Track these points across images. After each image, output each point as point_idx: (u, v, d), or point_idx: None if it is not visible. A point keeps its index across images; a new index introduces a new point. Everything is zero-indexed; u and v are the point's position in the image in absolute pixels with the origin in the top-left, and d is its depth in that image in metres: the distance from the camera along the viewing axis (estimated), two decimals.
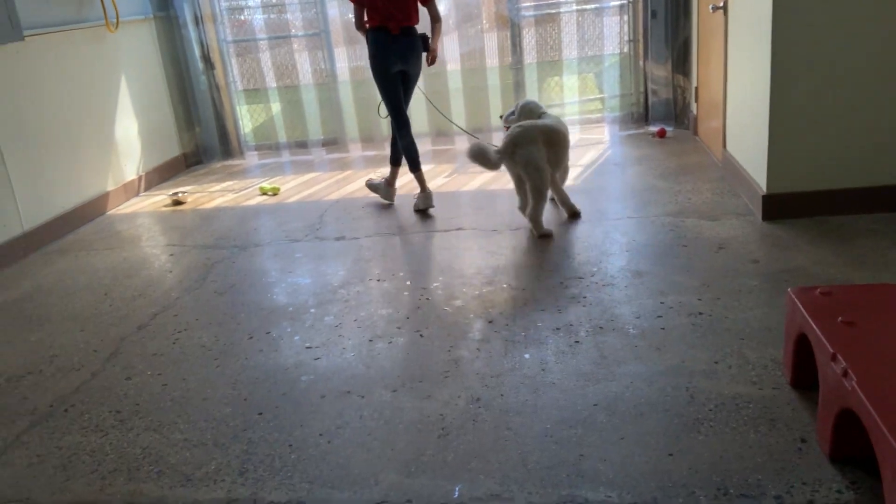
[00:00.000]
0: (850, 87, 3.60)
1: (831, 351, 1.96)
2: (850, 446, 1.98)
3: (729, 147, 4.59)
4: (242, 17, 6.62)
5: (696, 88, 5.61)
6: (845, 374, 1.86)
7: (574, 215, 4.23)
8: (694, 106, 5.75)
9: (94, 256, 4.40)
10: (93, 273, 4.11)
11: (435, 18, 4.56)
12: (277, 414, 2.54)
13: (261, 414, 2.56)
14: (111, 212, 5.35)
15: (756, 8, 3.75)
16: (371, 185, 5.01)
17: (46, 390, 2.87)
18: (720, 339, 2.73)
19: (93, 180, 5.25)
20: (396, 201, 4.89)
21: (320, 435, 2.40)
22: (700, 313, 2.93)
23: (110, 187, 5.42)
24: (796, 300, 2.27)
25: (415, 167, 4.67)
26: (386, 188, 4.89)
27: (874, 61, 3.55)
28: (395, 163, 4.82)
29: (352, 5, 4.51)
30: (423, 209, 4.60)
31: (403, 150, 4.68)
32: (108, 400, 2.75)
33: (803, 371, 2.32)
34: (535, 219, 3.96)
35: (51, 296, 3.84)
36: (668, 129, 5.97)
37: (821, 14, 3.50)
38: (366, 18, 4.46)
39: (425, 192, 4.65)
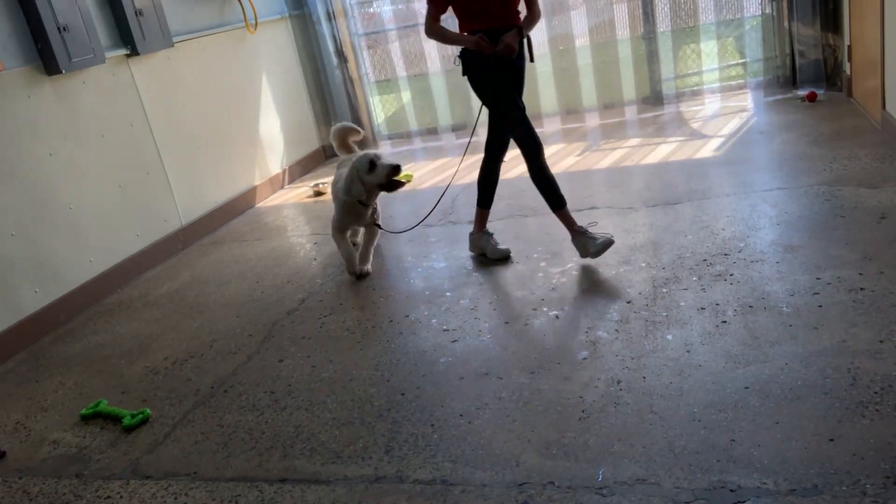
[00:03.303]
0: None
1: None
2: None
3: (889, 108, 4.20)
4: (371, 10, 6.77)
5: (849, 46, 5.17)
6: None
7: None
8: (847, 65, 5.30)
9: (245, 247, 4.67)
10: (245, 262, 4.37)
11: (533, 18, 3.59)
12: (419, 395, 2.60)
13: (403, 394, 2.62)
14: (259, 204, 5.66)
15: None
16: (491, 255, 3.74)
17: (208, 372, 3.09)
18: (885, 315, 2.51)
19: (241, 175, 5.57)
20: (524, 185, 4.83)
21: (461, 415, 2.43)
22: (862, 289, 2.71)
23: (257, 181, 5.73)
24: None
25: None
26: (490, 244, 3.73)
27: None
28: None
29: None
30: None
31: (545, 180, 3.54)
32: (263, 381, 2.92)
33: None
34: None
35: (208, 285, 4.12)
36: (819, 91, 5.54)
37: None
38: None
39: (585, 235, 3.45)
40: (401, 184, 3.71)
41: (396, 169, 3.61)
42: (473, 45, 3.39)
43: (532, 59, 3.55)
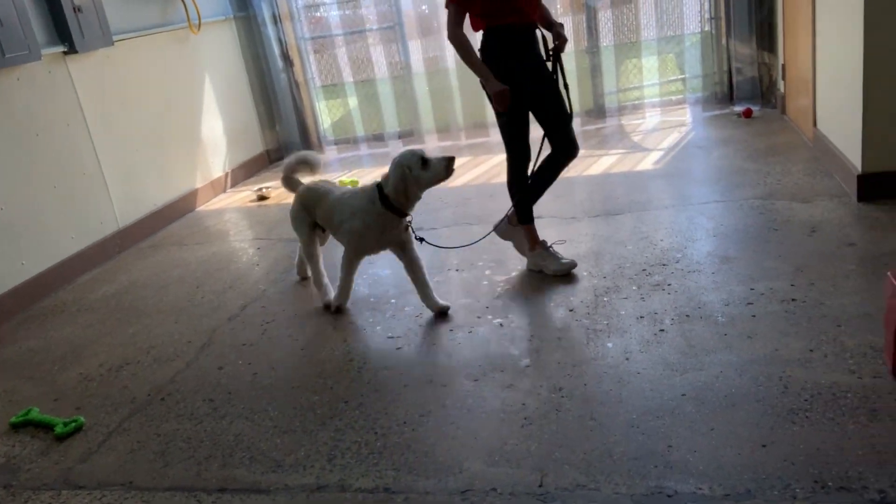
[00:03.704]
0: None
1: None
2: None
3: (820, 125, 4.38)
4: (319, 14, 6.73)
5: (783, 65, 5.37)
6: None
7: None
8: (781, 83, 5.51)
9: (185, 251, 4.58)
10: (184, 267, 4.28)
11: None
12: (362, 402, 2.59)
13: (346, 402, 2.61)
14: (200, 208, 5.55)
15: None
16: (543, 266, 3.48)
17: (144, 380, 3.01)
18: (815, 326, 2.61)
19: (182, 178, 5.45)
20: (470, 194, 4.88)
21: (404, 423, 2.43)
22: (793, 300, 2.82)
23: (198, 184, 5.62)
24: None
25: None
26: (550, 256, 3.46)
27: None
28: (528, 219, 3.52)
29: None
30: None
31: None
32: (202, 388, 2.86)
33: None
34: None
35: (146, 289, 4.01)
36: (755, 108, 5.74)
37: None
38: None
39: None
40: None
41: (452, 160, 3.10)
42: (495, 95, 3.16)
43: (548, 59, 3.32)
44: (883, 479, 1.86)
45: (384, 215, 3.10)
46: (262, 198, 5.54)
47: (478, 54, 3.23)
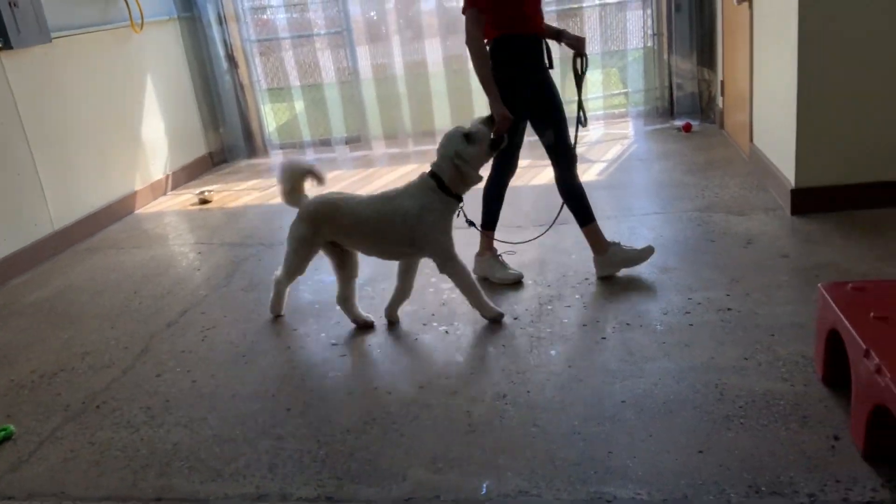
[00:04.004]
0: (879, 78, 3.53)
1: (864, 347, 1.93)
2: (884, 443, 1.95)
3: (756, 141, 4.54)
4: (265, 17, 6.67)
5: (722, 82, 5.55)
6: (878, 370, 1.83)
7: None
8: (720, 100, 5.69)
9: (123, 255, 4.46)
10: (122, 271, 4.17)
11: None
12: (305, 410, 2.56)
13: (289, 410, 2.57)
14: (139, 211, 5.42)
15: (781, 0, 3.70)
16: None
17: (79, 387, 2.91)
18: (750, 335, 2.70)
19: (120, 180, 5.31)
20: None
21: (348, 431, 2.41)
22: (729, 309, 2.90)
23: (138, 186, 5.48)
24: (827, 295, 2.24)
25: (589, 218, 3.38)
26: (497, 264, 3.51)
27: None
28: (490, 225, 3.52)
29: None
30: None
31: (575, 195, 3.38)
32: (139, 396, 2.79)
33: (835, 367, 2.28)
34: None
35: (82, 293, 3.89)
36: (694, 123, 5.91)
37: (848, 3, 3.43)
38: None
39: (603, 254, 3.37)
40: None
41: (490, 119, 2.97)
42: (498, 116, 3.02)
43: (552, 67, 3.28)
44: (812, 483, 1.93)
45: (449, 201, 2.94)
46: (203, 201, 5.44)
47: (489, 68, 3.10)
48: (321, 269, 3.84)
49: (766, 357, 2.53)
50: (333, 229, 3.01)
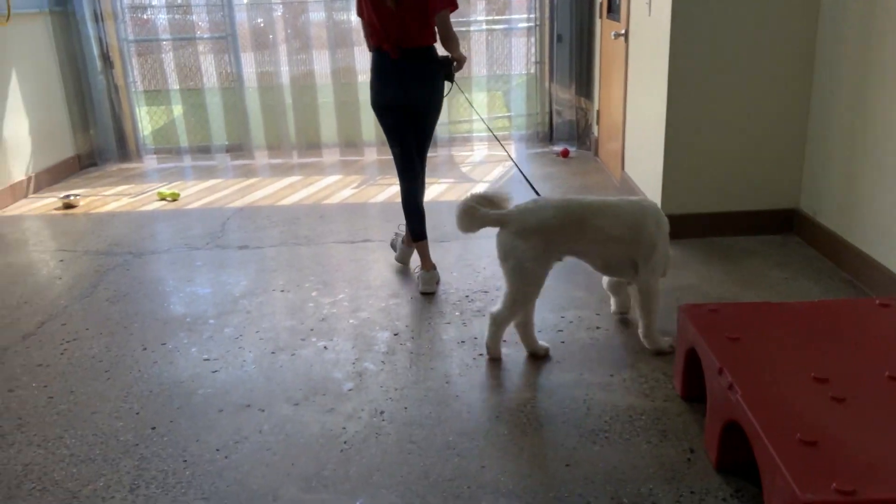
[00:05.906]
0: (739, 116, 3.82)
1: (718, 365, 2.07)
2: (735, 456, 2.09)
3: (627, 169, 4.78)
4: (145, 16, 6.40)
5: (598, 111, 5.82)
6: (730, 387, 1.97)
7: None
8: (595, 128, 5.96)
9: None
10: None
11: (445, 38, 3.47)
12: (172, 428, 2.45)
13: (154, 428, 2.46)
14: None
15: (654, 38, 3.93)
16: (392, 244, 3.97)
17: None
18: (615, 353, 2.83)
19: None
20: (300, 213, 4.82)
21: (217, 450, 2.33)
22: (598, 328, 3.03)
23: None
24: (686, 316, 2.38)
25: (418, 236, 3.59)
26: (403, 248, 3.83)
27: (759, 96, 3.78)
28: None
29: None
30: (429, 292, 3.48)
31: (404, 210, 3.60)
32: None
33: (693, 384, 2.43)
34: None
35: None
36: (572, 149, 6.16)
37: (714, 46, 3.70)
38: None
39: (429, 271, 3.51)
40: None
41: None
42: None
43: (452, 81, 3.59)
44: (670, 494, 2.04)
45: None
46: (69, 206, 5.12)
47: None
48: (195, 280, 3.71)
49: (631, 374, 2.66)
50: (572, 239, 2.70)
